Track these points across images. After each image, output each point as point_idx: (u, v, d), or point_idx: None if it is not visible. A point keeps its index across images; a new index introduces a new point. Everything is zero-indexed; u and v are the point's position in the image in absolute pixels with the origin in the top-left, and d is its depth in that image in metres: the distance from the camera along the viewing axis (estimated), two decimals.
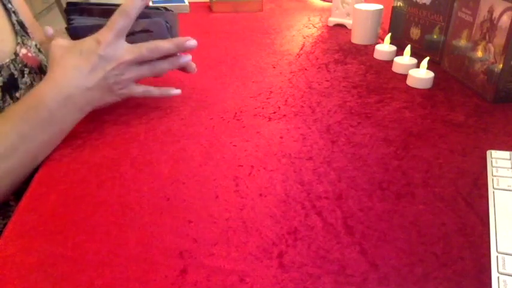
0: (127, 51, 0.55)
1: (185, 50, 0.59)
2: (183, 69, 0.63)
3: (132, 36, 0.56)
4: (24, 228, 0.42)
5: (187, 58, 0.61)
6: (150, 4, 1.16)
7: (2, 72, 0.59)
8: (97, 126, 0.60)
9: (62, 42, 0.55)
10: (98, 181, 0.48)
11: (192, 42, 0.58)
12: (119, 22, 0.53)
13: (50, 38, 0.57)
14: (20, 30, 0.66)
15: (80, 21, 0.56)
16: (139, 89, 0.59)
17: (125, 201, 0.45)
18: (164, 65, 0.59)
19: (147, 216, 0.43)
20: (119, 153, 0.53)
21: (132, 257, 0.38)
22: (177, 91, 0.63)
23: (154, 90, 0.61)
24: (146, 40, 0.57)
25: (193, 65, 0.64)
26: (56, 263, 0.38)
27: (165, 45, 0.57)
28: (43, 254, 0.39)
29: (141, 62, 0.56)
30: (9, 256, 0.39)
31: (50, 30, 0.62)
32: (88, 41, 0.54)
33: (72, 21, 0.57)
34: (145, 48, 0.55)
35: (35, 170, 0.51)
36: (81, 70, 0.53)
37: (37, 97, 0.52)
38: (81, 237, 0.41)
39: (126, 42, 0.55)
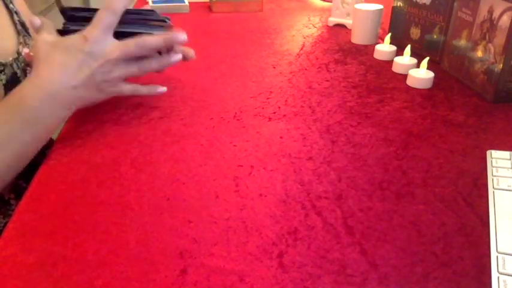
0: (114, 47, 0.53)
1: (175, 43, 0.58)
2: (184, 58, 0.62)
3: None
4: (24, 228, 0.42)
5: (177, 57, 0.59)
6: (150, 3, 1.17)
7: (5, 71, 0.59)
8: (97, 126, 0.60)
9: (48, 37, 0.53)
10: (98, 181, 0.48)
11: (181, 36, 0.56)
12: (105, 18, 0.52)
13: (37, 30, 0.54)
14: (22, 30, 0.66)
15: (75, 27, 0.54)
16: (127, 87, 0.57)
17: (124, 201, 0.45)
18: (153, 64, 0.57)
19: (147, 216, 0.43)
20: (118, 153, 0.53)
21: (132, 257, 0.38)
22: (163, 88, 0.61)
23: (143, 88, 0.60)
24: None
25: (191, 52, 0.63)
26: (56, 263, 0.38)
27: (153, 40, 0.55)
28: (43, 254, 0.39)
29: (129, 59, 0.55)
30: (9, 256, 0.39)
31: (37, 21, 0.59)
32: (74, 38, 0.52)
33: (67, 26, 0.56)
34: (133, 43, 0.54)
35: (35, 170, 0.51)
36: (67, 68, 0.51)
37: (19, 96, 0.50)
38: (81, 237, 0.41)
39: (113, 39, 0.53)
